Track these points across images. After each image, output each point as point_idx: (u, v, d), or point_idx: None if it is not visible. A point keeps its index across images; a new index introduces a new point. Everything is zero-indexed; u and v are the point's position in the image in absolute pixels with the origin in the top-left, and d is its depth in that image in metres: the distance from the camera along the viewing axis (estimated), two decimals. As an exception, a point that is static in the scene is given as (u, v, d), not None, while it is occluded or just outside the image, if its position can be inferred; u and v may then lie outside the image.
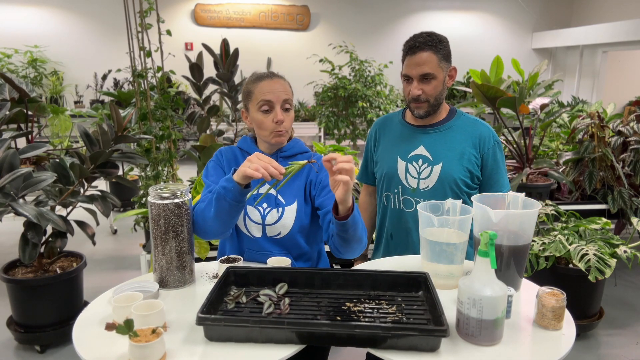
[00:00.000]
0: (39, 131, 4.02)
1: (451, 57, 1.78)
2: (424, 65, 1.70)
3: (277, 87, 1.55)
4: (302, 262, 1.65)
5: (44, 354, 2.56)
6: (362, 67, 5.44)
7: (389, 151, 1.88)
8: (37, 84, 6.93)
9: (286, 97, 1.55)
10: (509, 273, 1.37)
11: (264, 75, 1.58)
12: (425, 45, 1.69)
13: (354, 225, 1.39)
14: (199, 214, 1.47)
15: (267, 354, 1.09)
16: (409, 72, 1.73)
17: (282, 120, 1.54)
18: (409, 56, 1.73)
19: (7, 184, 2.22)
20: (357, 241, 1.46)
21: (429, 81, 1.72)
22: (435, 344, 1.10)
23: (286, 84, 1.59)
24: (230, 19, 7.72)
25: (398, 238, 1.90)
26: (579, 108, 5.53)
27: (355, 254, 1.52)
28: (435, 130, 1.82)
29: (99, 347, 1.13)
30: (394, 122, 1.93)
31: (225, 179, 1.40)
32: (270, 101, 1.53)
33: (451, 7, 8.43)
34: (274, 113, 1.54)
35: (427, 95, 1.73)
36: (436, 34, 1.74)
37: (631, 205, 3.19)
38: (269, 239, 1.61)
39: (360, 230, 1.44)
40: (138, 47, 2.98)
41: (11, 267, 2.60)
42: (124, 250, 4.02)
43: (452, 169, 1.77)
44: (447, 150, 1.79)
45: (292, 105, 1.60)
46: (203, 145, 3.25)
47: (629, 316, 2.97)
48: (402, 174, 1.83)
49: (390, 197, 1.88)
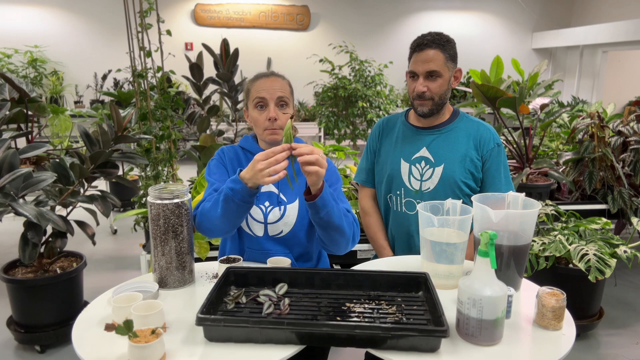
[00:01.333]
0: (39, 131, 4.02)
1: (457, 59, 1.78)
2: (431, 62, 1.70)
3: (272, 85, 1.55)
4: (302, 261, 1.65)
5: (44, 354, 2.56)
6: (362, 67, 5.44)
7: (392, 153, 1.88)
8: (37, 84, 6.93)
9: (281, 94, 1.55)
10: (509, 273, 1.37)
11: (262, 74, 1.60)
12: (432, 43, 1.70)
13: (324, 207, 1.38)
14: (204, 214, 1.47)
15: (266, 354, 1.09)
16: (415, 68, 1.73)
17: (274, 117, 1.52)
18: (416, 53, 1.73)
19: (7, 184, 2.22)
20: (336, 230, 1.45)
21: (435, 79, 1.72)
22: (435, 344, 1.10)
23: (284, 82, 1.59)
24: (230, 19, 7.72)
25: (400, 240, 1.90)
26: (579, 108, 5.53)
27: (340, 247, 1.51)
28: (437, 132, 1.82)
29: (98, 348, 1.13)
30: (397, 123, 1.92)
31: (232, 180, 1.39)
32: (265, 98, 1.53)
33: (451, 7, 8.42)
34: (268, 110, 1.54)
35: (432, 92, 1.73)
36: (444, 34, 1.75)
37: (631, 205, 3.19)
38: (271, 237, 1.61)
39: (336, 218, 1.42)
40: (138, 47, 2.98)
41: (11, 267, 2.60)
42: (124, 250, 4.02)
43: (453, 171, 1.77)
44: (449, 152, 1.78)
45: (290, 102, 1.59)
46: (203, 145, 3.25)
47: (629, 316, 2.96)
48: (405, 176, 1.82)
49: (393, 199, 1.88)
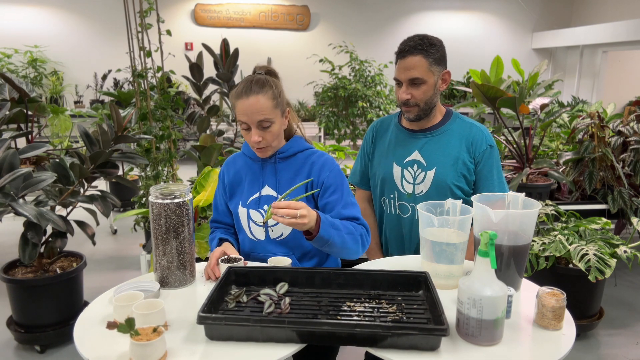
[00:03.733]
0: (39, 131, 4.02)
1: (446, 60, 1.73)
2: (413, 69, 1.67)
3: (250, 109, 1.48)
4: (306, 260, 1.65)
5: (44, 354, 2.56)
6: (362, 67, 5.44)
7: (384, 156, 1.87)
8: (37, 84, 6.93)
9: (261, 117, 1.49)
10: (509, 273, 1.37)
11: (242, 90, 1.50)
12: (415, 50, 1.67)
13: (325, 244, 1.45)
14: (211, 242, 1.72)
15: (267, 353, 1.09)
16: (399, 76, 1.72)
17: (257, 141, 1.52)
18: (399, 60, 1.71)
19: (7, 184, 2.23)
20: (341, 251, 1.51)
21: (418, 86, 1.69)
22: (435, 343, 1.10)
23: (265, 98, 1.49)
24: (230, 19, 7.73)
25: (394, 243, 1.90)
26: (579, 108, 5.53)
27: (349, 257, 1.56)
28: (429, 135, 1.80)
29: (100, 346, 1.13)
30: (390, 125, 1.91)
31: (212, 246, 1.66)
32: (247, 122, 1.51)
33: (451, 7, 8.43)
34: (251, 133, 1.53)
35: (416, 99, 1.71)
36: (429, 37, 1.70)
37: (631, 205, 3.20)
38: (272, 240, 1.61)
39: (338, 244, 1.46)
40: (138, 47, 2.98)
41: (11, 267, 2.60)
42: (124, 250, 4.02)
43: (445, 174, 1.75)
44: (441, 155, 1.76)
45: (276, 116, 1.53)
46: (203, 145, 3.25)
47: (629, 316, 2.97)
48: (397, 179, 1.81)
49: (386, 202, 1.87)
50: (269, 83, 1.52)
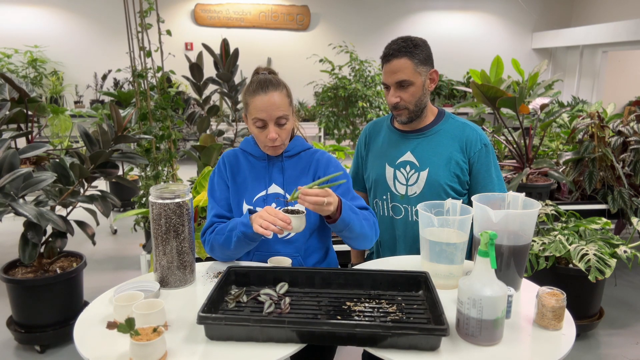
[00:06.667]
0: (39, 131, 4.03)
1: (432, 60, 1.72)
2: (399, 72, 1.67)
3: (270, 105, 1.49)
4: (311, 260, 1.65)
5: (44, 354, 2.56)
6: (362, 67, 5.44)
7: (377, 157, 1.86)
8: (37, 84, 6.93)
9: (280, 113, 1.50)
10: (509, 273, 1.37)
11: (259, 87, 1.51)
12: (399, 52, 1.66)
13: (346, 227, 1.46)
14: (217, 247, 1.56)
15: (267, 353, 1.09)
16: (386, 80, 1.71)
17: (274, 138, 1.52)
18: (385, 64, 1.71)
19: (7, 184, 2.23)
20: (359, 237, 1.53)
21: (406, 88, 1.69)
22: (435, 343, 1.10)
23: (282, 95, 1.52)
24: (230, 19, 7.73)
25: (386, 245, 1.89)
26: (579, 108, 5.53)
27: (365, 245, 1.59)
28: (422, 136, 1.79)
29: (100, 346, 1.13)
30: (382, 127, 1.90)
31: (243, 224, 1.45)
32: (264, 119, 1.51)
33: (451, 7, 8.43)
34: (267, 130, 1.52)
35: (406, 102, 1.71)
36: (412, 38, 1.70)
37: (631, 205, 3.20)
38: (279, 240, 1.61)
39: (357, 228, 1.49)
40: (138, 47, 2.98)
41: (11, 267, 2.60)
42: (124, 250, 4.02)
43: (438, 175, 1.74)
44: (434, 155, 1.75)
45: (290, 114, 1.55)
46: (203, 145, 3.25)
47: (629, 316, 2.97)
48: (390, 181, 1.80)
49: (379, 204, 1.86)
50: (282, 82, 1.56)
